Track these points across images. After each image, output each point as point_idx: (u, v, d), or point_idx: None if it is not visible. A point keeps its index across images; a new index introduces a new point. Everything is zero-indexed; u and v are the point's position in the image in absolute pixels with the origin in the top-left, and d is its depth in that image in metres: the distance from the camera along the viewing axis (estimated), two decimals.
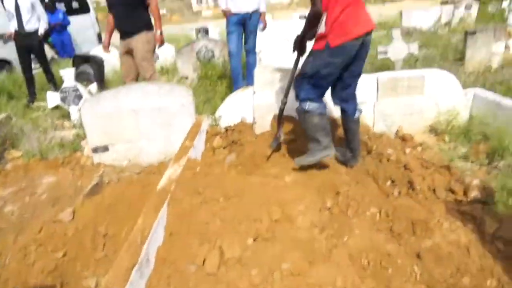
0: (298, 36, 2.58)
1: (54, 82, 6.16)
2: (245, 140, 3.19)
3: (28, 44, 5.74)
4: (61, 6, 9.27)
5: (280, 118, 2.84)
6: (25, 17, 5.58)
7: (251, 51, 4.77)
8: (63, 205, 3.11)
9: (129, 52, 4.18)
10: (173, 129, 3.47)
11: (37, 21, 5.75)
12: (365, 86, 3.31)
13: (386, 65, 6.19)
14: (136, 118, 3.47)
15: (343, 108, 2.68)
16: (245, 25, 4.56)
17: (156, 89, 3.35)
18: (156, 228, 1.74)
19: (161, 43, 4.31)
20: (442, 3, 16.06)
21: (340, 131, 2.94)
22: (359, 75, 2.62)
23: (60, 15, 8.81)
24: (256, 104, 3.26)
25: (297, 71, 2.62)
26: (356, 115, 2.66)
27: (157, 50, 7.80)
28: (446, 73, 3.49)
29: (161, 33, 4.26)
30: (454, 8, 11.68)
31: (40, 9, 5.84)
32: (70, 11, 9.52)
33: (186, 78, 6.49)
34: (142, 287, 1.52)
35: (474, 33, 6.33)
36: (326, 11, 2.34)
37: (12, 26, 5.63)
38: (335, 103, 2.70)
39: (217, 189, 2.25)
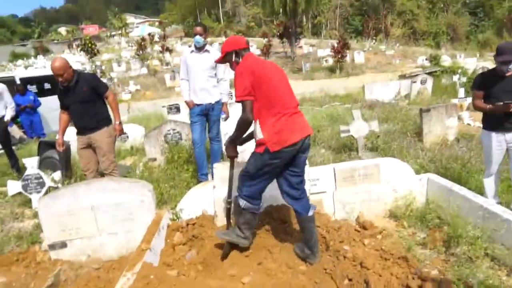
0: (228, 141, 2.77)
1: (18, 167, 6.06)
2: (206, 234, 3.16)
3: None
4: (32, 88, 9.42)
5: (229, 218, 2.94)
6: None
7: (214, 139, 4.91)
8: None
9: (88, 146, 4.22)
10: (133, 223, 3.40)
11: (3, 109, 5.80)
12: (324, 176, 3.42)
13: (349, 142, 6.48)
14: (96, 214, 3.40)
15: (295, 209, 2.76)
16: (208, 115, 4.73)
17: (115, 186, 3.34)
18: None
19: (120, 132, 4.37)
20: (400, 77, 17.34)
21: (297, 225, 2.97)
22: (302, 173, 2.76)
23: (31, 97, 8.94)
24: (217, 198, 3.29)
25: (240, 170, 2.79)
26: (310, 213, 2.73)
27: (126, 130, 7.93)
28: (399, 161, 3.68)
29: (120, 123, 4.34)
30: (411, 82, 12.58)
31: (7, 96, 5.92)
32: (42, 92, 9.67)
33: (154, 160, 6.52)
34: None
35: (428, 110, 6.78)
36: (258, 119, 2.51)
37: None
38: (288, 202, 2.79)
39: None
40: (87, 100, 4.12)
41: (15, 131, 8.64)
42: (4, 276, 3.52)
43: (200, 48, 4.57)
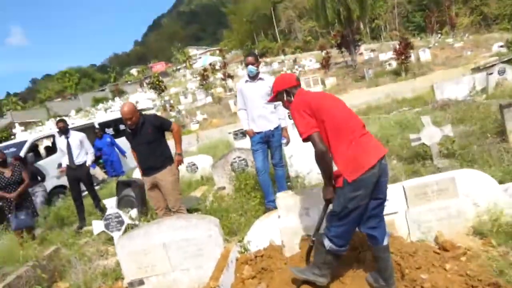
0: (324, 189, 2.61)
1: (101, 208, 6.55)
2: (274, 266, 3.11)
3: (77, 176, 6.30)
4: (109, 131, 10.27)
5: (308, 256, 2.81)
6: (75, 153, 6.24)
7: (278, 165, 4.87)
8: None
9: (155, 186, 4.43)
10: (203, 259, 3.47)
11: (84, 155, 6.38)
12: (393, 196, 3.21)
13: (422, 150, 6.04)
14: (167, 251, 3.53)
15: (371, 235, 2.58)
16: (269, 142, 4.73)
17: (184, 223, 3.45)
18: None
19: (179, 163, 4.54)
20: (473, 70, 15.99)
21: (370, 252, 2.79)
22: (384, 200, 2.57)
23: (108, 139, 9.73)
24: (282, 227, 3.24)
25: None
26: (385, 242, 2.54)
27: (195, 160, 8.23)
28: (477, 172, 3.33)
29: (180, 154, 4.54)
30: (487, 74, 11.53)
31: (87, 144, 6.51)
32: (118, 133, 10.49)
33: (223, 188, 6.66)
34: None
35: (510, 105, 6.11)
36: (334, 149, 2.41)
37: (64, 162, 6.27)
38: (363, 231, 2.62)
39: None
40: (152, 141, 4.37)
41: (98, 173, 9.44)
42: None
43: (254, 77, 4.64)
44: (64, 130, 6.37)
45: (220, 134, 15.07)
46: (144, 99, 32.33)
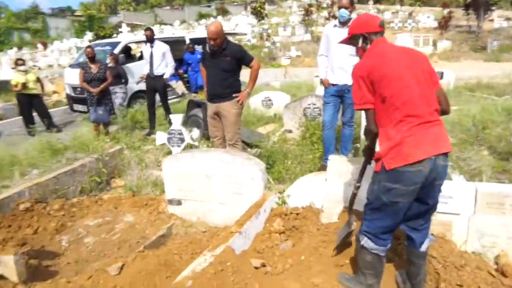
0: (366, 146, 2.32)
1: (170, 120, 6.79)
2: (307, 229, 2.96)
3: (154, 86, 6.51)
4: (199, 48, 10.33)
5: (352, 204, 2.59)
6: (155, 63, 6.40)
7: (347, 124, 4.47)
8: (124, 251, 3.32)
9: (216, 115, 4.34)
10: (242, 198, 3.42)
11: (164, 67, 6.52)
12: (460, 195, 2.75)
13: None
14: (210, 181, 3.53)
15: (409, 236, 2.24)
16: (343, 97, 4.32)
17: (230, 159, 3.38)
18: None
19: (243, 100, 4.32)
20: None
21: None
22: (432, 207, 2.16)
23: (198, 56, 9.81)
24: (327, 192, 3.00)
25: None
26: (423, 248, 2.19)
27: (272, 96, 8.06)
28: None
29: (248, 93, 4.34)
30: None
31: (169, 57, 6.62)
32: None
33: (290, 132, 6.48)
34: None
35: None
36: (383, 127, 2.03)
37: (146, 70, 6.49)
38: (402, 229, 2.27)
39: None
40: (227, 70, 4.20)
41: (179, 87, 9.72)
42: (133, 216, 4.03)
43: (344, 23, 4.13)
44: (150, 38, 6.51)
45: (308, 76, 14.54)
46: (244, 23, 32.04)
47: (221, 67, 4.16)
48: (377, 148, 2.11)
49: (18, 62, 7.98)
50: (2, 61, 22.88)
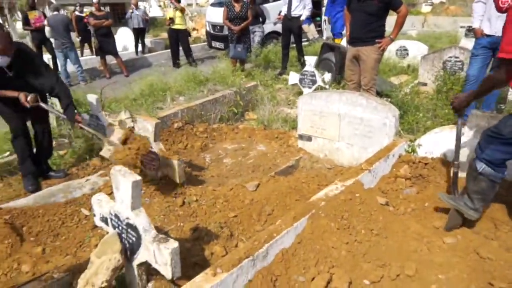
0: (463, 96, 2.30)
1: (303, 62, 6.98)
2: (433, 179, 2.97)
3: (290, 27, 6.69)
4: None
5: (455, 185, 2.54)
6: (294, 4, 6.51)
7: None
8: (257, 174, 3.78)
9: (355, 58, 4.34)
10: (371, 142, 3.54)
11: (302, 9, 6.59)
12: None
13: None
14: (341, 122, 3.70)
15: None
16: (495, 51, 3.91)
17: (364, 102, 3.46)
18: (285, 233, 2.02)
19: (385, 45, 4.20)
20: None
21: None
22: None
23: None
24: (462, 147, 2.93)
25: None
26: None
27: (408, 45, 7.62)
28: None
29: (391, 39, 4.19)
30: None
31: None
32: None
33: (424, 85, 6.15)
34: (251, 274, 1.86)
35: None
36: None
37: (283, 11, 6.67)
38: None
39: (363, 221, 2.30)
40: (373, 13, 4.11)
41: (311, 31, 9.68)
42: (265, 146, 4.48)
43: None
44: None
45: (451, 26, 13.09)
46: None
47: (368, 11, 4.09)
48: None
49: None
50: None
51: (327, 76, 5.73)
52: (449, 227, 2.42)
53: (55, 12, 8.18)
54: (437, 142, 3.20)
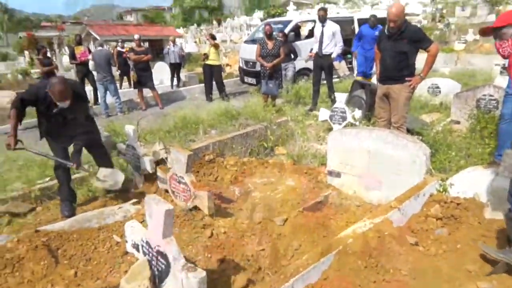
0: None
1: (333, 98, 7.06)
2: (466, 220, 2.90)
3: (321, 64, 6.85)
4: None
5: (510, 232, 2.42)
6: (325, 42, 6.69)
7: None
8: (286, 208, 3.79)
9: (386, 96, 4.38)
10: (399, 180, 3.50)
11: (333, 46, 6.75)
12: None
13: None
14: (370, 159, 3.70)
15: None
16: None
17: (393, 140, 3.46)
18: (312, 269, 2.02)
19: (415, 84, 4.24)
20: None
21: None
22: None
23: (376, 33, 9.43)
24: (496, 186, 2.86)
25: None
26: None
27: (440, 83, 7.58)
28: None
29: (421, 78, 4.23)
30: None
31: (338, 36, 6.82)
32: None
33: (457, 123, 6.06)
34: None
35: None
36: None
37: (315, 48, 6.85)
38: None
39: (391, 260, 2.26)
40: (403, 52, 4.19)
41: (342, 68, 9.85)
42: (293, 181, 4.50)
43: None
44: (322, 18, 6.79)
45: (485, 64, 12.88)
46: (414, 3, 29.56)
47: (398, 49, 4.16)
48: None
49: (208, 36, 9.31)
50: (188, 36, 26.56)
51: (357, 113, 5.77)
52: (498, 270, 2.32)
53: (100, 48, 8.77)
54: (470, 182, 3.14)
